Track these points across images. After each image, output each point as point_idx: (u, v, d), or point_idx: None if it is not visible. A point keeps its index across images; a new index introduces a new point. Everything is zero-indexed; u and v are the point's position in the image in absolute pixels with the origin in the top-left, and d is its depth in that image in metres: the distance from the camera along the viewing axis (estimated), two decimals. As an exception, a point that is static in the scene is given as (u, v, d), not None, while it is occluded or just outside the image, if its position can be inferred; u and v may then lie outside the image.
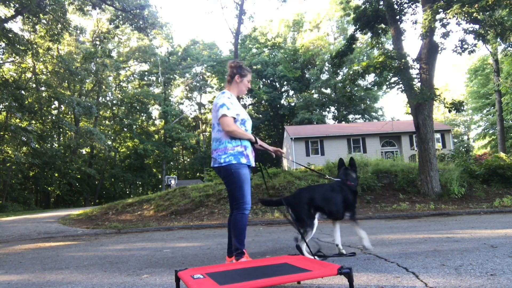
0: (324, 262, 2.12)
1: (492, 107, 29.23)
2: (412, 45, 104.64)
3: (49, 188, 28.75)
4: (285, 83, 42.57)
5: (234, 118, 2.83)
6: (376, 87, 11.99)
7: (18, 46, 15.30)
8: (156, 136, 40.44)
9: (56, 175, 28.71)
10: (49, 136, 28.89)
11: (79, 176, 30.33)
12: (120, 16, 17.95)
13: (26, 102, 22.08)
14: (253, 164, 2.99)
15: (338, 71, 12.23)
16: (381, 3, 9.85)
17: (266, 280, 1.80)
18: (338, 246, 3.12)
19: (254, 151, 3.02)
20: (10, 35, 14.75)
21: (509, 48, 9.66)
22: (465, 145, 39.95)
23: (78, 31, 19.25)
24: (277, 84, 42.85)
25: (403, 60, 8.59)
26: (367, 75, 9.39)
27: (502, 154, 13.24)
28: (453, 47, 8.60)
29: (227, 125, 2.78)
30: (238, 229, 2.81)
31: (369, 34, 10.79)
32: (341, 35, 40.38)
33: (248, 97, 42.43)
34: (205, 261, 3.28)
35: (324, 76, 39.78)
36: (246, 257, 2.79)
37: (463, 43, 8.52)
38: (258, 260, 2.49)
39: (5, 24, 14.50)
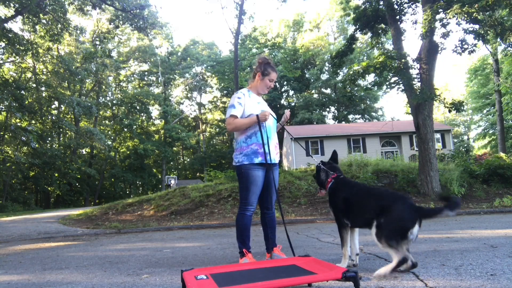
0: (332, 265, 2.11)
1: (492, 107, 29.22)
2: (412, 45, 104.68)
3: (49, 188, 28.73)
4: (285, 83, 42.55)
5: (236, 116, 2.84)
6: (376, 87, 11.95)
7: (18, 46, 15.28)
8: (156, 136, 40.43)
9: (56, 175, 28.69)
10: (49, 136, 28.88)
11: (79, 176, 30.31)
12: (120, 16, 17.92)
13: (26, 102, 22.05)
14: (274, 160, 2.96)
15: (338, 71, 12.23)
16: (381, 3, 9.85)
17: (266, 282, 1.80)
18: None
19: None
20: (10, 35, 14.74)
21: (509, 48, 9.65)
22: (465, 145, 39.95)
23: (78, 31, 19.20)
24: (277, 84, 42.84)
25: (403, 60, 8.58)
26: (367, 75, 9.38)
27: (502, 154, 13.23)
28: (453, 47, 8.59)
29: (227, 124, 2.87)
30: (239, 228, 2.87)
31: (369, 34, 10.79)
32: (341, 35, 40.37)
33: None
34: (205, 261, 3.28)
35: (324, 76, 39.76)
36: (249, 258, 2.79)
37: (463, 43, 8.51)
38: (269, 261, 2.49)
39: (5, 24, 14.48)
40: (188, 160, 46.54)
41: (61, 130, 29.61)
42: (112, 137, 37.03)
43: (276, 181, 3.00)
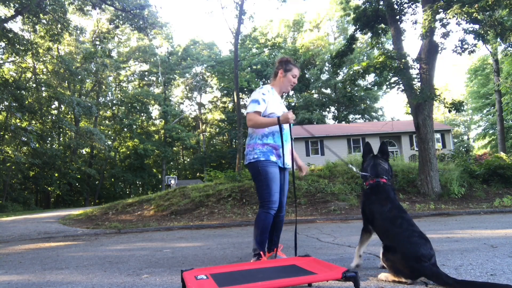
0: (332, 265, 2.11)
1: (492, 107, 29.22)
2: (412, 45, 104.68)
3: (49, 188, 28.73)
4: (285, 83, 42.50)
5: (260, 112, 2.75)
6: (376, 87, 11.97)
7: (18, 46, 15.28)
8: (156, 136, 40.42)
9: (56, 175, 28.70)
10: (49, 136, 28.88)
11: (79, 176, 30.32)
12: (120, 16, 17.96)
13: (26, 102, 22.05)
14: (288, 165, 2.90)
15: (338, 71, 12.23)
16: (381, 3, 9.85)
17: (266, 282, 1.80)
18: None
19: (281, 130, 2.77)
20: (10, 35, 14.74)
21: (509, 48, 9.64)
22: (465, 145, 39.94)
23: (78, 31, 19.23)
24: (277, 84, 42.80)
25: (403, 60, 8.59)
26: (367, 75, 9.39)
27: (502, 154, 13.22)
28: (453, 47, 8.60)
29: (248, 119, 2.75)
30: (260, 227, 2.71)
31: (369, 34, 10.79)
32: (341, 35, 40.38)
33: (248, 97, 42.40)
34: (205, 261, 3.28)
35: (324, 76, 39.76)
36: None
37: (463, 43, 8.52)
38: (269, 261, 2.49)
39: (5, 24, 14.48)
40: (188, 160, 46.53)
41: (61, 130, 29.61)
42: (112, 137, 37.01)
43: (286, 185, 2.97)
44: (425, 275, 1.95)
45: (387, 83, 9.50)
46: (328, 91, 41.02)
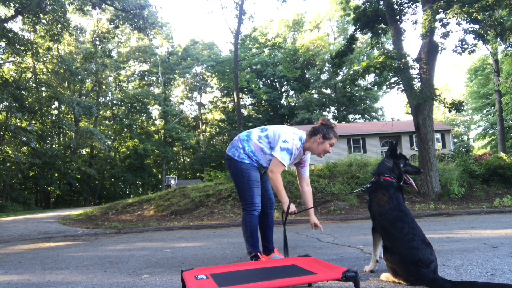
0: (332, 265, 2.11)
1: (492, 107, 29.21)
2: (412, 45, 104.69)
3: (49, 188, 28.72)
4: (285, 83, 42.54)
5: (285, 167, 2.70)
6: (376, 87, 11.98)
7: (18, 46, 15.28)
8: (156, 136, 40.41)
9: (56, 175, 28.69)
10: (49, 136, 28.88)
11: (79, 176, 30.30)
12: (120, 16, 17.95)
13: (26, 102, 22.04)
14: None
15: (338, 71, 12.24)
16: (381, 3, 9.86)
17: (266, 282, 1.79)
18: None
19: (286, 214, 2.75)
20: (10, 35, 14.73)
21: (509, 48, 9.65)
22: (465, 145, 39.94)
23: (78, 31, 19.23)
24: (277, 84, 42.83)
25: (403, 60, 8.59)
26: (367, 75, 9.39)
27: (502, 154, 13.22)
28: (453, 47, 8.59)
29: (276, 168, 2.66)
30: (249, 230, 2.76)
31: (369, 34, 10.79)
32: (341, 35, 40.36)
33: (248, 97, 42.40)
34: (205, 261, 3.28)
35: (324, 76, 39.74)
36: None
37: (463, 43, 8.51)
38: (269, 261, 2.49)
39: (5, 24, 14.47)
40: (188, 160, 46.53)
41: (61, 130, 29.61)
42: (112, 137, 37.00)
43: (268, 181, 3.02)
44: (422, 280, 1.92)
45: (387, 83, 9.49)
46: (328, 91, 41.00)
